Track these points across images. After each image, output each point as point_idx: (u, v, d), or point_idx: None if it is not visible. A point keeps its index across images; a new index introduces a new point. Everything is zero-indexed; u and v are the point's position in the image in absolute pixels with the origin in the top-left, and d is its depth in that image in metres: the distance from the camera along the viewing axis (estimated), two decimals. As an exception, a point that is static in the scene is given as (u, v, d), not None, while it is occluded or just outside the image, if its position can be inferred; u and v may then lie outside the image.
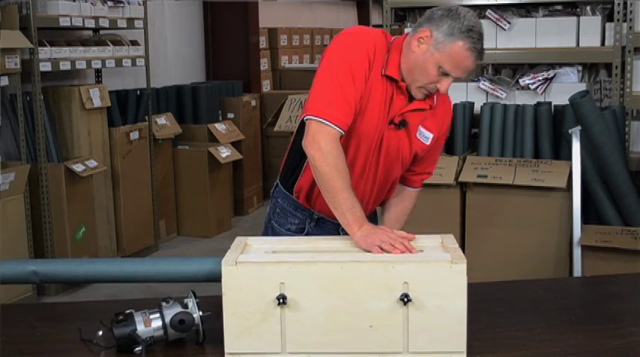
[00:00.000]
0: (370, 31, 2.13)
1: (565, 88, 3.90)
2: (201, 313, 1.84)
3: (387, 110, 2.11)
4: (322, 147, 1.98)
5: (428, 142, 2.21)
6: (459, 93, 4.19)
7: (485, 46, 2.05)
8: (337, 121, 2.00)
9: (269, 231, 2.34)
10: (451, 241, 1.92)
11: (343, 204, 1.98)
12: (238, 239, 1.96)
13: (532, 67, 4.16)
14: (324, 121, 1.99)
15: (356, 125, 2.09)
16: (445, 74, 2.04)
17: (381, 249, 1.84)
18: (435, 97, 2.18)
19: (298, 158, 2.21)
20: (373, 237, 1.88)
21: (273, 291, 1.74)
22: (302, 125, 2.13)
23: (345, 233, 2.23)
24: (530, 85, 4.02)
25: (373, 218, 2.34)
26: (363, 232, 1.92)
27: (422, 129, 2.18)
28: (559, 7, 4.08)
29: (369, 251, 1.86)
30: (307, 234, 2.25)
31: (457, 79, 2.10)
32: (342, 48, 2.07)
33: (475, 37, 1.99)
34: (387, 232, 1.90)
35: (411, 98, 2.14)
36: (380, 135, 2.13)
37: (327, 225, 2.25)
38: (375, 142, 2.13)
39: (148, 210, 5.60)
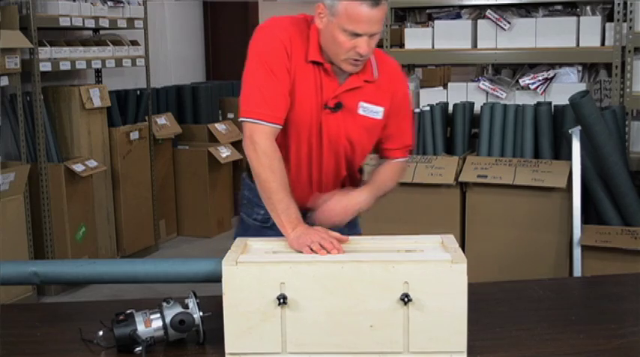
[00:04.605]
0: (284, 21, 2.13)
1: (565, 88, 3.90)
2: (201, 313, 1.84)
3: (319, 96, 2.10)
4: (257, 148, 2.01)
5: (379, 116, 2.17)
6: (458, 93, 4.20)
7: (485, 46, 2.03)
8: (268, 118, 2.02)
9: (241, 223, 2.40)
10: (451, 241, 1.92)
11: (277, 205, 1.99)
12: (239, 240, 1.97)
13: (532, 67, 4.16)
14: (255, 121, 2.02)
15: (290, 116, 2.10)
16: (355, 35, 1.98)
17: (311, 250, 1.84)
18: (373, 70, 2.14)
19: None
20: (305, 237, 1.88)
21: (274, 291, 1.74)
22: None
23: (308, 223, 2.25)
24: (530, 85, 4.02)
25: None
26: (295, 233, 1.92)
27: (365, 105, 2.15)
28: (559, 7, 4.09)
29: (300, 252, 1.87)
30: (273, 224, 2.21)
31: (374, 35, 1.99)
32: (257, 45, 2.09)
33: None
34: (318, 233, 1.90)
35: (341, 79, 2.11)
36: (317, 121, 2.12)
37: None
38: (314, 129, 2.13)
39: (148, 210, 5.60)
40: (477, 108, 4.03)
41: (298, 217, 1.99)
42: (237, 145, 6.31)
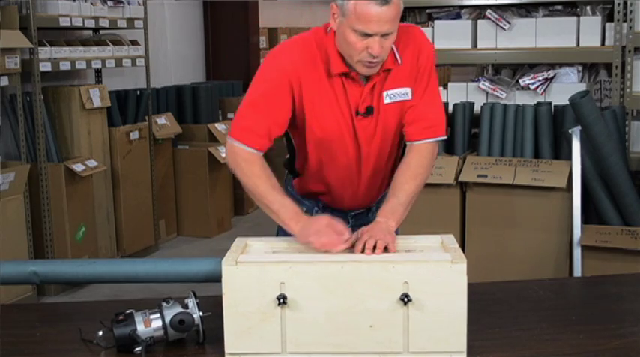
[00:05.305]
0: (294, 47, 2.09)
1: (565, 88, 3.90)
2: (201, 313, 1.84)
3: (346, 105, 2.07)
4: (236, 167, 2.06)
5: (409, 97, 2.10)
6: (459, 93, 4.19)
7: (485, 46, 2.01)
8: (249, 143, 2.05)
9: None
10: (451, 241, 1.92)
11: (272, 207, 2.00)
12: (238, 240, 1.97)
13: (532, 67, 4.16)
14: (236, 143, 2.06)
15: (318, 133, 2.09)
16: (366, 35, 1.92)
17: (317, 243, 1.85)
18: (396, 55, 2.07)
19: (293, 152, 2.28)
20: (308, 229, 1.90)
21: (274, 291, 1.74)
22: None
23: (355, 220, 2.26)
24: (530, 85, 4.02)
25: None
26: (299, 227, 1.94)
27: (391, 92, 2.08)
28: (559, 7, 4.08)
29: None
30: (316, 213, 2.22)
31: (387, 35, 1.93)
32: (261, 72, 2.09)
33: None
34: (319, 221, 1.91)
35: (364, 80, 2.06)
36: (350, 130, 2.09)
37: (334, 214, 2.22)
38: (348, 138, 2.10)
39: (148, 210, 5.59)
40: (477, 108, 4.03)
41: (297, 211, 1.99)
42: (237, 145, 6.32)
